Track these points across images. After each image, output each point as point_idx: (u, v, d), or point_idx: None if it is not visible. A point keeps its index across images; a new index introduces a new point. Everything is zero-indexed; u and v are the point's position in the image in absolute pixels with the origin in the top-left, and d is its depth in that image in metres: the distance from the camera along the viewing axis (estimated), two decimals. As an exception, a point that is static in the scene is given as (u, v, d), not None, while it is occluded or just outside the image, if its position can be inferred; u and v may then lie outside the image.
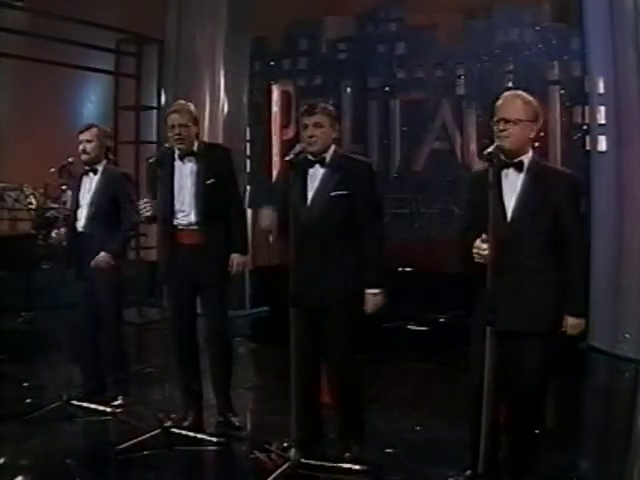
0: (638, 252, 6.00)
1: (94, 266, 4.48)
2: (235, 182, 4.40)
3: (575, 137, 7.21)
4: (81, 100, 10.42)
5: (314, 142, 3.65)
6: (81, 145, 4.61)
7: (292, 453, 3.56)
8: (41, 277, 7.73)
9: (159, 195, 4.16)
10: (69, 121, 9.34)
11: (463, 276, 3.26)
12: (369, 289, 3.62)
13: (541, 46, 7.50)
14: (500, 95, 3.26)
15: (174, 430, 4.07)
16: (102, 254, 4.49)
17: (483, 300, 3.04)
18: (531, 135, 3.20)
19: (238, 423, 4.31)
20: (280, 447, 3.71)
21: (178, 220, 4.17)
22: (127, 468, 3.80)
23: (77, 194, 4.68)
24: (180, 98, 4.60)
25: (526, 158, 3.19)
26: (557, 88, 7.37)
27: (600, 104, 6.29)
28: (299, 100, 8.30)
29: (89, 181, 4.66)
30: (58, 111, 9.89)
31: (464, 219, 3.47)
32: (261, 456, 3.77)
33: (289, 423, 3.59)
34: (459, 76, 7.98)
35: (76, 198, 4.67)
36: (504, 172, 3.18)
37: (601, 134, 6.29)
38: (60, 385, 4.73)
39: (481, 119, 7.65)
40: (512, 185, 3.18)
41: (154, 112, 8.38)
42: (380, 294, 3.64)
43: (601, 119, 6.28)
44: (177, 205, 4.16)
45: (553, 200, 3.14)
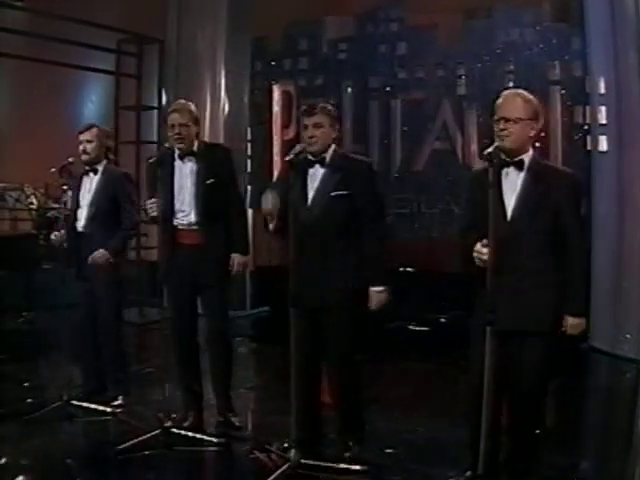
0: (639, 253, 5.99)
1: (91, 262, 4.48)
2: (235, 182, 4.40)
3: (576, 137, 7.19)
4: (82, 100, 10.43)
5: (314, 142, 3.64)
6: (81, 145, 4.61)
7: (292, 453, 3.55)
8: (42, 277, 7.74)
9: (159, 195, 4.15)
10: (70, 121, 9.34)
11: (463, 276, 3.26)
12: (373, 287, 3.62)
13: (542, 46, 7.47)
14: (500, 94, 3.24)
15: (174, 430, 4.07)
16: (100, 250, 4.48)
17: (483, 300, 3.03)
18: (531, 134, 3.18)
19: (238, 423, 4.30)
20: (280, 447, 3.71)
21: (178, 220, 4.17)
22: (127, 468, 3.79)
23: (77, 194, 4.68)
24: (181, 98, 4.58)
25: (527, 157, 3.18)
26: (558, 88, 7.35)
27: (601, 104, 6.29)
28: (300, 100, 8.28)
29: (89, 181, 4.66)
30: (59, 111, 9.91)
31: (464, 219, 3.47)
32: (261, 456, 3.77)
33: (289, 423, 3.59)
34: (460, 76, 7.96)
35: (76, 198, 4.67)
36: (504, 171, 3.17)
37: (602, 134, 6.29)
38: (60, 385, 4.72)
39: (482, 119, 7.64)
40: (512, 184, 3.17)
41: (155, 112, 8.38)
42: (384, 291, 3.64)
43: (602, 119, 6.28)
44: (177, 205, 4.16)
45: (553, 199, 3.12)
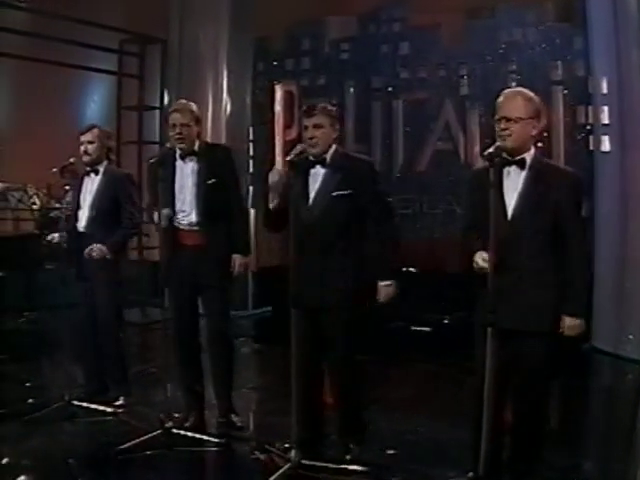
0: (642, 253, 5.98)
1: (87, 256, 4.46)
2: (237, 182, 4.39)
3: (579, 137, 7.17)
4: (84, 100, 10.45)
5: (315, 144, 3.63)
6: (82, 146, 4.61)
7: (293, 454, 3.55)
8: (44, 277, 7.75)
9: (160, 195, 4.15)
10: (72, 121, 9.35)
11: (465, 277, 3.24)
12: (381, 281, 3.62)
13: (544, 46, 7.44)
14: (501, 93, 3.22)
15: (175, 430, 4.06)
16: (97, 245, 4.46)
17: (484, 300, 3.02)
18: (533, 132, 3.16)
19: (240, 423, 4.30)
20: (281, 448, 3.70)
21: (179, 220, 4.17)
22: (128, 468, 3.78)
23: (78, 195, 4.68)
24: (183, 98, 4.57)
25: (528, 156, 3.16)
26: (560, 88, 7.31)
27: (604, 104, 6.27)
28: (302, 100, 8.26)
29: (90, 182, 4.66)
30: (61, 111, 9.92)
31: (464, 219, 3.46)
32: (262, 457, 3.76)
33: (291, 424, 3.58)
34: (462, 76, 7.94)
35: (77, 199, 4.67)
36: (506, 170, 3.15)
37: (604, 134, 6.28)
38: (62, 385, 4.73)
39: (484, 119, 7.62)
40: (514, 183, 3.15)
41: (157, 112, 8.39)
42: (392, 285, 3.64)
43: (605, 119, 6.27)
44: (178, 205, 4.15)
45: (553, 199, 3.10)
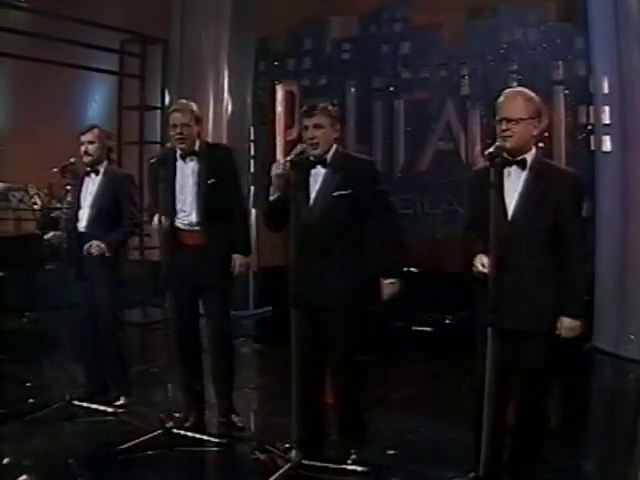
0: (643, 253, 5.97)
1: (86, 252, 4.45)
2: (237, 182, 4.39)
3: (580, 137, 7.17)
4: (85, 100, 10.45)
5: (315, 144, 3.61)
6: (83, 146, 4.61)
7: (293, 454, 3.55)
8: (45, 277, 7.74)
9: (161, 195, 4.14)
10: (73, 121, 9.35)
11: (466, 277, 3.24)
12: (385, 279, 3.62)
13: (545, 46, 7.44)
14: (501, 93, 3.22)
15: (176, 430, 4.06)
16: (96, 242, 4.46)
17: (484, 300, 3.01)
18: (534, 132, 3.15)
19: (240, 423, 4.30)
20: (281, 448, 3.70)
21: (180, 220, 4.17)
22: (129, 468, 3.78)
23: (79, 195, 4.68)
24: (184, 98, 4.57)
25: (529, 156, 3.16)
26: (562, 88, 7.31)
27: (605, 104, 6.27)
28: (303, 100, 8.27)
29: (91, 182, 4.66)
30: (63, 111, 9.92)
31: (465, 219, 3.45)
32: (262, 457, 3.76)
33: (291, 424, 3.58)
34: (463, 76, 7.93)
35: (78, 199, 4.67)
36: (506, 170, 3.15)
37: (606, 134, 6.27)
38: (63, 385, 4.72)
39: (485, 119, 7.62)
40: (514, 183, 3.15)
41: (158, 112, 8.37)
42: (395, 283, 3.64)
43: (606, 119, 6.26)
44: (178, 205, 4.16)
45: (554, 199, 3.10)
